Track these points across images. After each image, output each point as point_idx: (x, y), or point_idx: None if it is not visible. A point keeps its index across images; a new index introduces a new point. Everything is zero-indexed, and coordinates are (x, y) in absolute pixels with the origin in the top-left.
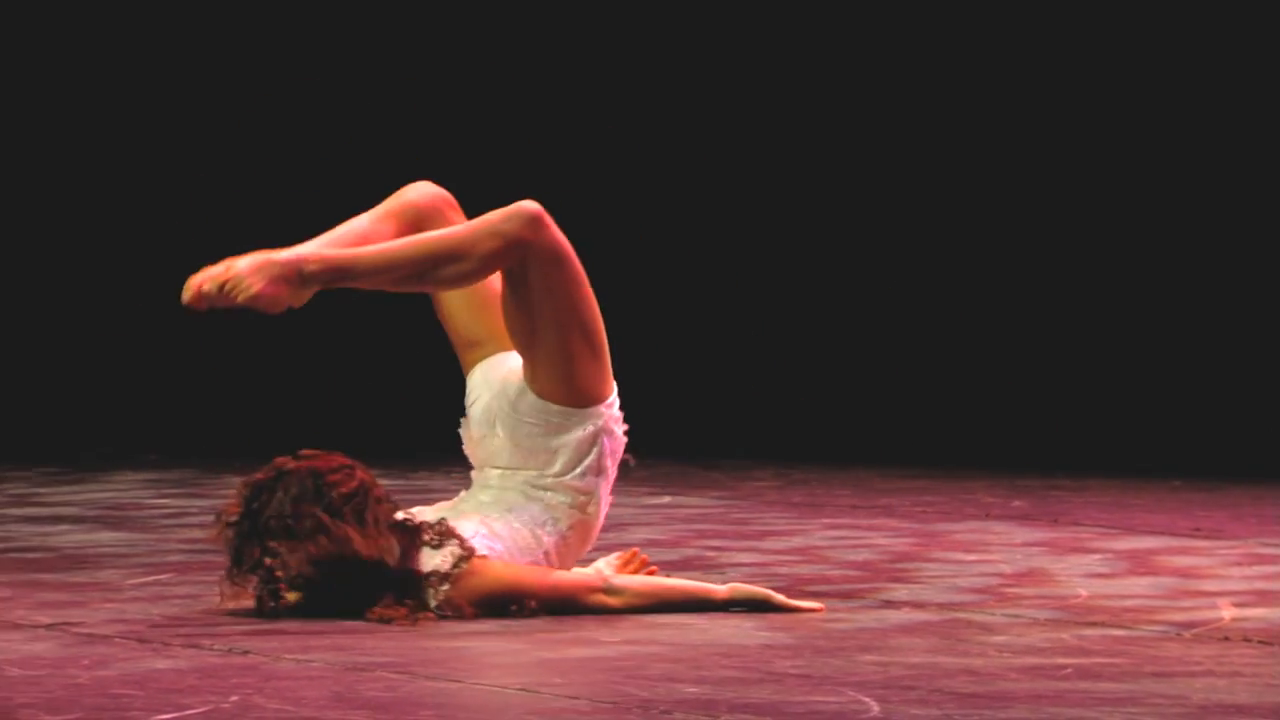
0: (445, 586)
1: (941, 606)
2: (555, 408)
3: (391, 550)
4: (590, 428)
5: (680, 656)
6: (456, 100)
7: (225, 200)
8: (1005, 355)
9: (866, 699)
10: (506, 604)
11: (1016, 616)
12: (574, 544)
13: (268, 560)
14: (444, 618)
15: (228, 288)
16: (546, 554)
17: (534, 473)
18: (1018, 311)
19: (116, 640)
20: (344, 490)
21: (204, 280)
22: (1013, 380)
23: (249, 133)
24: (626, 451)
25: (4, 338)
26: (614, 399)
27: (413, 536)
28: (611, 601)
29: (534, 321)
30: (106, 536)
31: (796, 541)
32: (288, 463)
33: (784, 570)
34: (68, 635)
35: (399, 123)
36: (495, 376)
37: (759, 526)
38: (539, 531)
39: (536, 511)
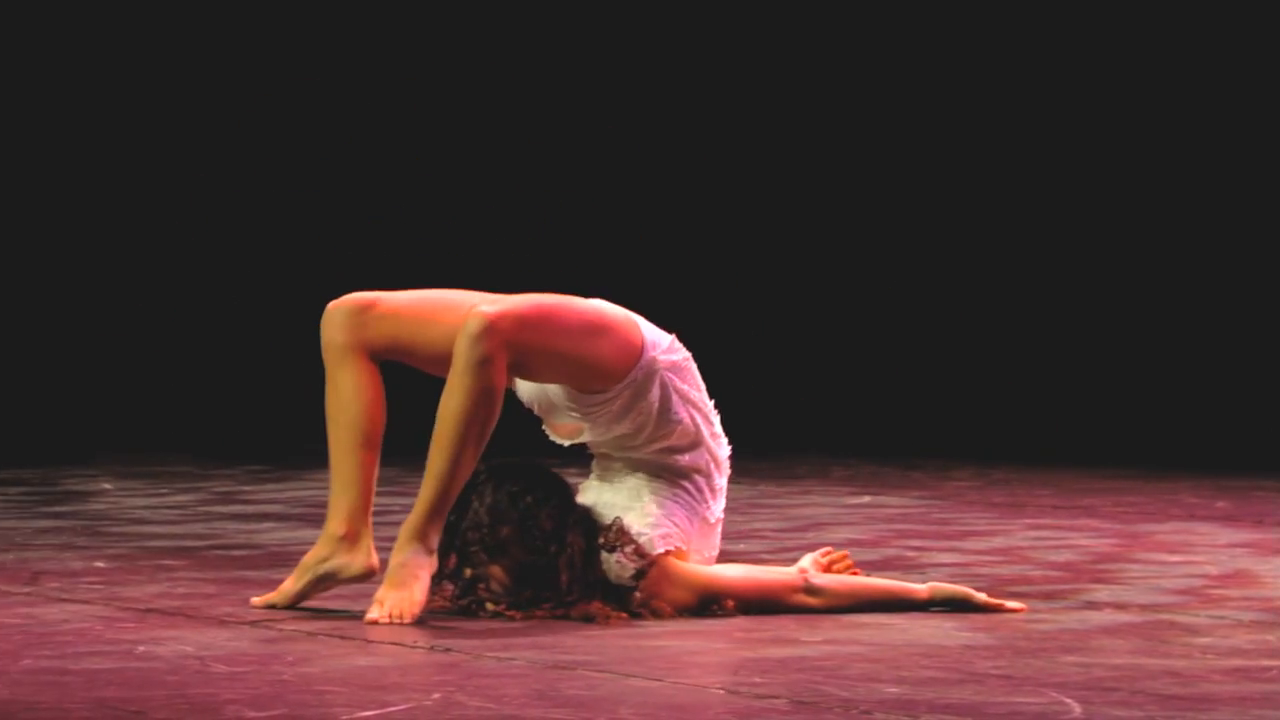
0: (637, 594)
1: (1144, 608)
2: (612, 393)
3: (582, 554)
4: (654, 382)
5: (880, 656)
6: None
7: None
8: (1208, 355)
9: (1068, 700)
10: (706, 603)
11: (1221, 618)
12: (715, 468)
13: (466, 570)
14: (641, 617)
15: (406, 616)
16: (708, 503)
17: (640, 441)
18: (1219, 311)
19: (320, 637)
20: (538, 496)
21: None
22: (1215, 381)
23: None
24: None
25: (213, 340)
26: (648, 338)
27: (592, 539)
28: (812, 601)
29: (555, 372)
30: (310, 534)
31: (998, 542)
32: (483, 472)
33: (985, 570)
34: (272, 632)
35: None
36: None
37: (960, 527)
38: (687, 484)
39: (674, 470)
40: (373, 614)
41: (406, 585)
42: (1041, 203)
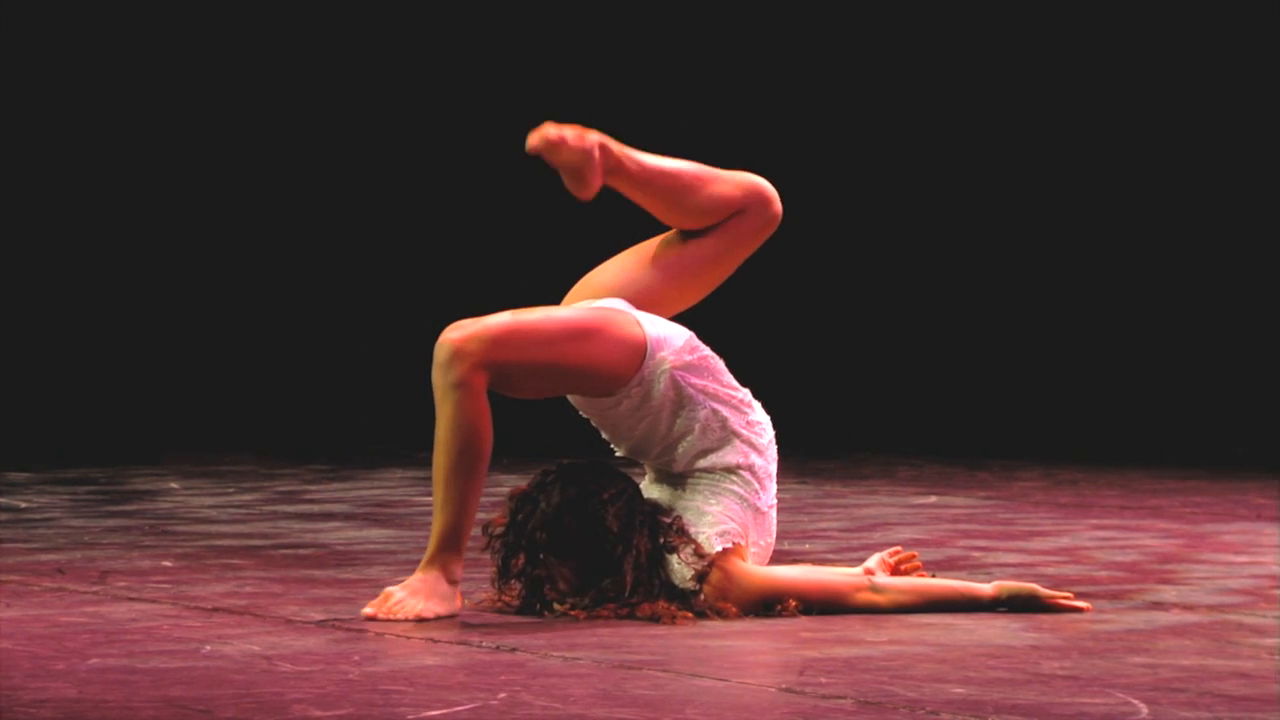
0: (700, 595)
1: (1211, 608)
2: (619, 395)
3: (648, 555)
4: (662, 382)
5: (946, 657)
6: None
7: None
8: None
9: (1135, 701)
10: (769, 604)
11: None
12: (758, 456)
13: (534, 571)
14: (706, 617)
15: (399, 614)
16: (759, 493)
17: (660, 444)
18: None
19: (386, 636)
20: (605, 496)
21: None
22: None
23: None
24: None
25: (277, 341)
26: (654, 336)
27: (657, 539)
28: (878, 599)
29: (548, 382)
30: (375, 534)
31: (1063, 542)
32: (552, 472)
33: (1050, 571)
34: (338, 631)
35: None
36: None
37: (1025, 527)
38: (735, 477)
39: (717, 469)
40: (368, 609)
41: (417, 594)
42: (1109, 202)
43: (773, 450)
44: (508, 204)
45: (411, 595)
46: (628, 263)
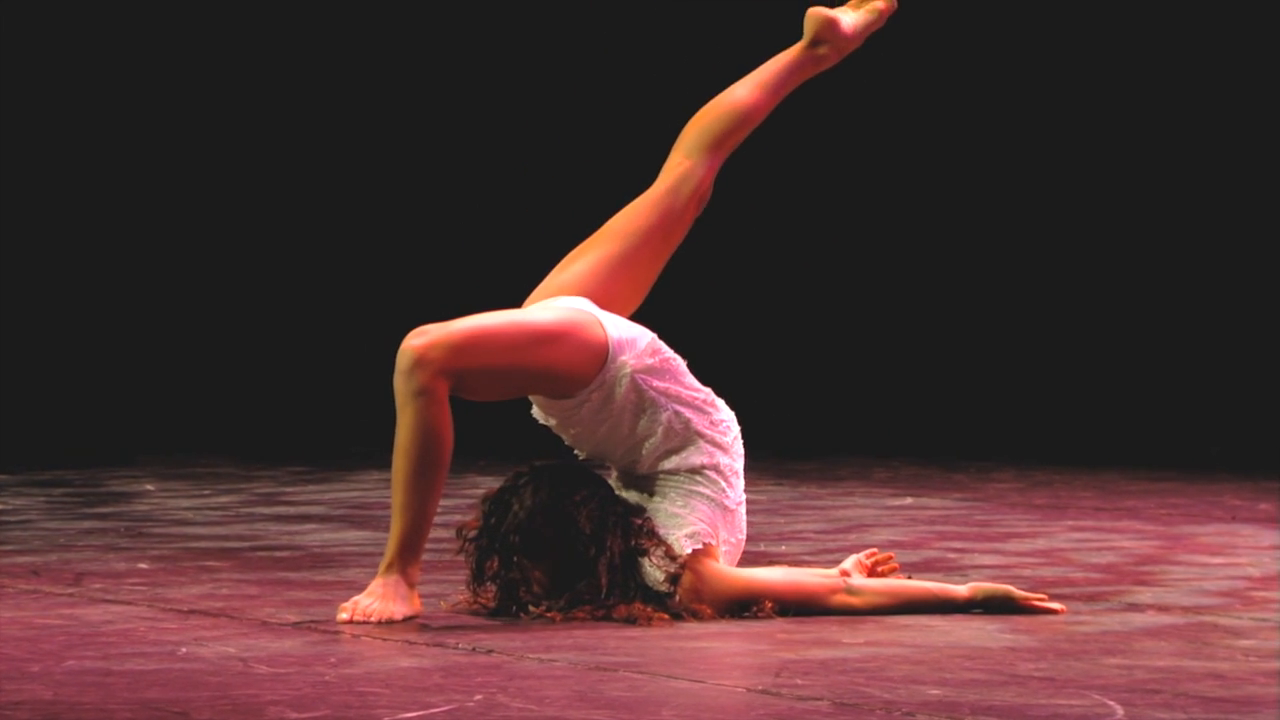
0: (675, 598)
1: (1187, 610)
2: (580, 397)
3: (621, 556)
4: (623, 385)
5: (923, 658)
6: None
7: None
8: (1253, 357)
9: (1111, 703)
10: (746, 605)
11: (1264, 620)
12: (723, 455)
13: (508, 573)
14: (682, 619)
15: (374, 616)
16: (726, 492)
17: (622, 446)
18: (1270, 315)
19: (363, 638)
20: (577, 498)
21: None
22: (1261, 383)
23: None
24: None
25: (255, 342)
26: (616, 338)
27: (630, 540)
28: (854, 601)
29: (509, 387)
30: (352, 535)
31: (1040, 544)
32: (524, 474)
33: (1027, 572)
34: (315, 633)
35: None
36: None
37: (1001, 528)
38: (701, 478)
39: (688, 467)
40: (343, 614)
41: (384, 598)
42: (1083, 205)
43: (738, 446)
44: (490, 205)
45: (379, 600)
46: (587, 254)
